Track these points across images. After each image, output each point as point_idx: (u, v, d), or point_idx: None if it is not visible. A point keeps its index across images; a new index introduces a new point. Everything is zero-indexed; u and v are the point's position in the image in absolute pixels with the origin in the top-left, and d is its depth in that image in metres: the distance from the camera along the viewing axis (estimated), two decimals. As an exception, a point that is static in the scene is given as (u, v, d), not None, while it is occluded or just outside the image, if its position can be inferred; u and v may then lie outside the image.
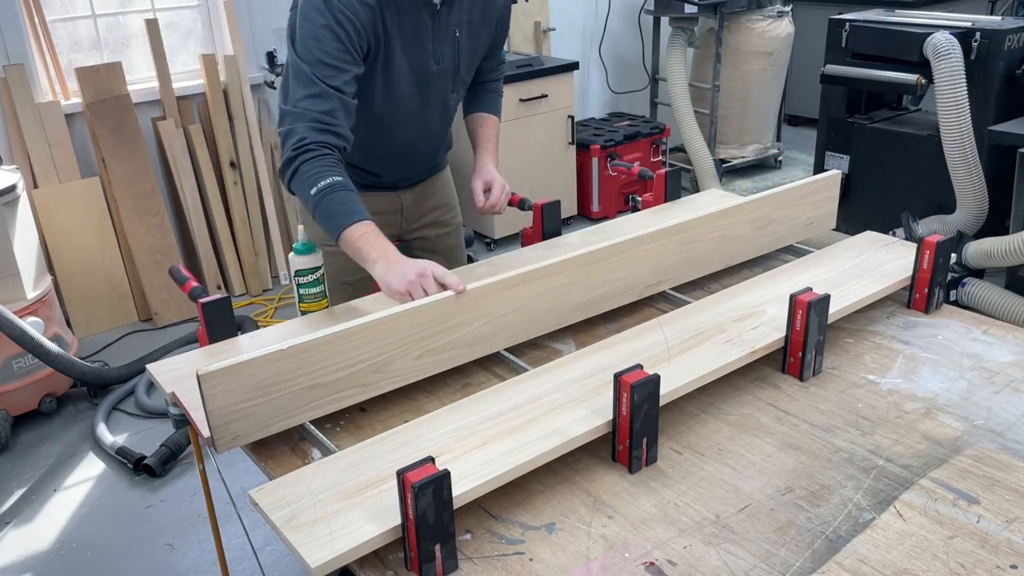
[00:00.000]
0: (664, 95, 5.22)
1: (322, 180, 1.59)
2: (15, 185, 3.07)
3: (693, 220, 1.76)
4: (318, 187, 1.59)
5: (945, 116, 3.13)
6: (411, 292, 1.50)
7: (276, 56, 3.72)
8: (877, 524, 1.15)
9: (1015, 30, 3.22)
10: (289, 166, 1.63)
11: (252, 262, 4.11)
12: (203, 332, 1.61)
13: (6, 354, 2.98)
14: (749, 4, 4.90)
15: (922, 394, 1.45)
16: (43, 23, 3.61)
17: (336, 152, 1.65)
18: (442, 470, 1.05)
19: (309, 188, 1.60)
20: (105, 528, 2.58)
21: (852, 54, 3.60)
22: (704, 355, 1.48)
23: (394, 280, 1.53)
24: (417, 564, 1.07)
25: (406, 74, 1.77)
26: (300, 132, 1.62)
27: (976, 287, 3.11)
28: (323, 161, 1.61)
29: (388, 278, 1.54)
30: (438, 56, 1.79)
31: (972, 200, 3.19)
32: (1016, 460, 1.27)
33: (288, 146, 1.64)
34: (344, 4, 1.62)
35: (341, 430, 1.40)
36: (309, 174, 1.60)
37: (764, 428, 1.38)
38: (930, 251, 1.69)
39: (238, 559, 2.35)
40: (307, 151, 1.61)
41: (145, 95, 3.85)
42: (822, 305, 1.47)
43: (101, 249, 3.71)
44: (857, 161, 3.74)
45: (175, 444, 2.82)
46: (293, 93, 1.64)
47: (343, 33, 1.62)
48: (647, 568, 1.09)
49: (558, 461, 1.27)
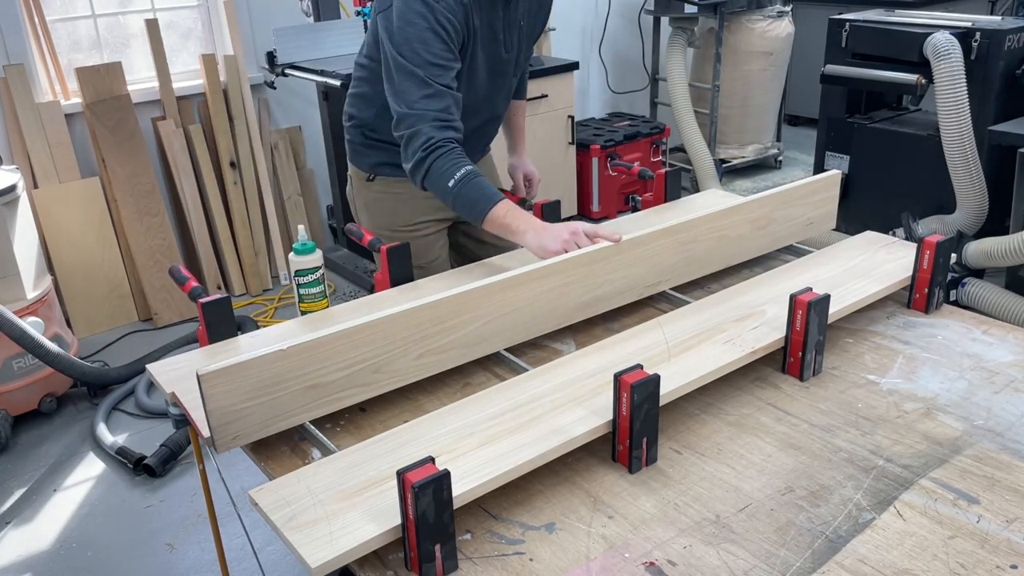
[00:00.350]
0: (664, 95, 5.22)
1: (456, 172, 1.73)
2: (15, 185, 3.07)
3: (693, 220, 1.76)
4: (454, 179, 1.73)
5: (945, 116, 3.13)
6: (566, 249, 1.64)
7: (276, 56, 3.71)
8: (877, 524, 1.15)
9: (1015, 30, 3.22)
10: (421, 166, 1.76)
11: (252, 262, 4.11)
12: (203, 332, 1.61)
13: (6, 354, 2.98)
14: (749, 4, 4.90)
15: (922, 394, 1.45)
16: (43, 23, 3.61)
17: (459, 144, 1.78)
18: (442, 470, 1.05)
19: (446, 182, 1.74)
20: (105, 528, 2.58)
21: (852, 54, 3.60)
22: (704, 355, 1.48)
23: (549, 242, 1.67)
24: (417, 564, 1.07)
25: (483, 63, 1.90)
26: (426, 132, 1.75)
27: (976, 287, 3.11)
28: (451, 155, 1.75)
29: (542, 242, 1.68)
30: (508, 45, 1.93)
31: (972, 200, 3.19)
32: (1016, 460, 1.27)
33: (416, 147, 1.76)
34: (443, 6, 1.74)
35: (341, 430, 1.40)
36: (443, 170, 1.74)
37: (764, 428, 1.38)
38: (930, 251, 1.69)
39: (238, 559, 2.35)
40: (435, 149, 1.75)
41: (145, 95, 3.85)
42: (822, 305, 1.47)
43: (101, 249, 3.71)
44: (857, 161, 3.74)
45: (175, 444, 2.82)
46: (408, 95, 1.75)
47: (445, 34, 1.75)
48: (647, 568, 1.09)
49: (558, 461, 1.27)
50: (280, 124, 4.29)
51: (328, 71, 3.51)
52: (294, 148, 4.31)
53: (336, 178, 4.23)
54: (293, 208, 4.29)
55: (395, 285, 1.81)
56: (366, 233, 1.91)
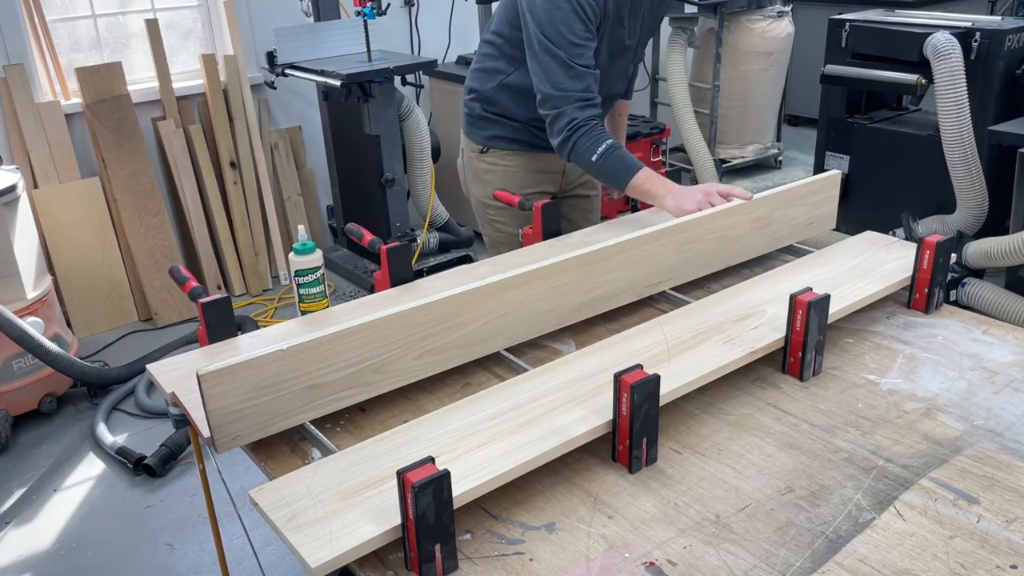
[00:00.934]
0: (664, 95, 5.21)
1: (599, 147, 1.92)
2: (15, 185, 3.07)
3: (693, 220, 1.76)
4: (597, 153, 1.92)
5: (945, 116, 3.13)
6: (700, 207, 1.81)
7: (276, 56, 3.71)
8: (877, 524, 1.15)
9: (1015, 30, 3.22)
10: (566, 144, 1.96)
11: (252, 262, 4.11)
12: (203, 332, 1.61)
13: (6, 354, 2.98)
14: (749, 4, 4.90)
15: (922, 394, 1.45)
16: (43, 23, 3.61)
17: (600, 120, 1.98)
18: (442, 470, 1.05)
19: (590, 156, 1.93)
20: (105, 528, 2.58)
21: (852, 54, 3.60)
22: (704, 355, 1.48)
23: (685, 203, 1.85)
24: (417, 564, 1.07)
25: (606, 47, 2.02)
26: (569, 113, 1.93)
27: (976, 287, 3.11)
28: (593, 132, 1.93)
29: (680, 203, 1.86)
30: (631, 31, 2.06)
31: (972, 200, 3.19)
32: (1016, 460, 1.27)
33: (561, 127, 1.95)
34: None
35: (341, 430, 1.40)
36: (586, 146, 1.93)
37: (764, 428, 1.38)
38: (930, 251, 1.69)
39: (238, 559, 2.35)
40: (579, 128, 1.93)
41: (145, 95, 3.85)
42: (822, 305, 1.47)
43: (101, 249, 3.71)
44: (857, 161, 3.73)
45: (175, 444, 2.82)
46: (553, 76, 1.92)
47: (584, 15, 1.89)
48: (647, 568, 1.09)
49: (558, 461, 1.27)
50: (280, 124, 4.29)
51: (328, 71, 3.51)
52: (294, 148, 4.31)
53: (336, 178, 4.23)
54: (293, 208, 4.29)
55: (395, 285, 1.81)
56: (366, 233, 1.91)
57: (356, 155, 3.98)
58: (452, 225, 4.30)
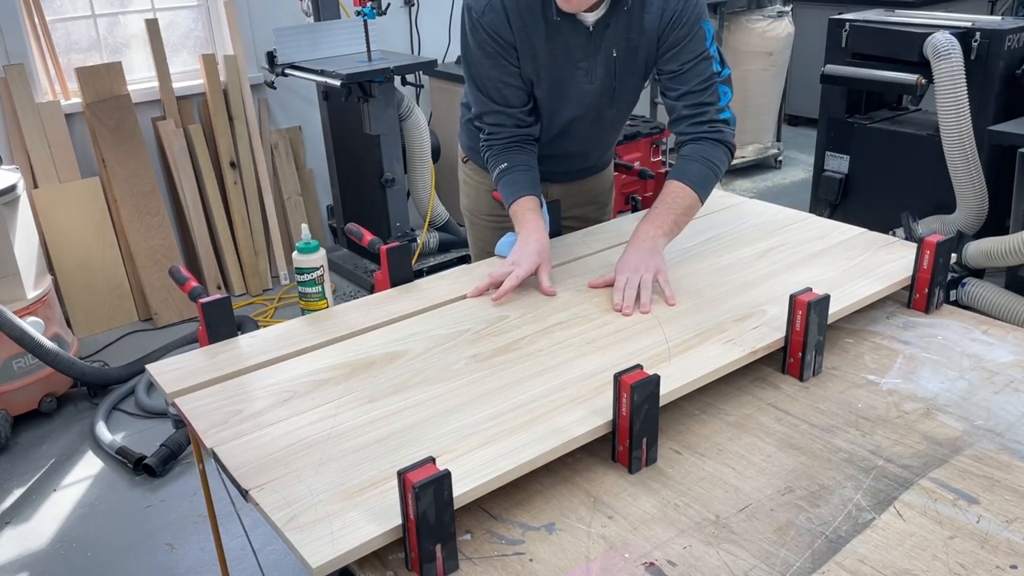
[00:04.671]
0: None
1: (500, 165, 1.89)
2: (15, 185, 3.07)
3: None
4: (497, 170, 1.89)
5: (945, 116, 3.13)
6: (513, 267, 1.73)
7: (276, 56, 3.71)
8: (877, 524, 1.15)
9: (1015, 30, 3.22)
10: (484, 158, 1.95)
11: (252, 262, 4.11)
12: (203, 332, 1.61)
13: (6, 354, 2.98)
14: (749, 4, 4.91)
15: (922, 394, 1.45)
16: (43, 23, 3.61)
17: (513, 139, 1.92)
18: (443, 470, 1.05)
19: (492, 172, 1.91)
20: (105, 528, 2.58)
21: (852, 54, 3.60)
22: (704, 355, 1.48)
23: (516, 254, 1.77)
24: (418, 564, 1.07)
25: (547, 86, 1.87)
26: (485, 131, 1.94)
27: (976, 287, 3.11)
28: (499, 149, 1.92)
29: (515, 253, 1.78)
30: (592, 75, 1.83)
31: (972, 200, 3.19)
32: (1016, 460, 1.27)
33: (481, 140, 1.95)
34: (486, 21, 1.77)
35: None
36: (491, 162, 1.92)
37: (764, 428, 1.38)
38: (930, 251, 1.68)
39: (238, 559, 2.35)
40: (490, 146, 1.92)
41: (145, 95, 3.85)
42: (822, 305, 1.47)
43: (101, 249, 3.71)
44: (857, 161, 3.74)
45: (175, 444, 2.82)
46: (474, 105, 1.94)
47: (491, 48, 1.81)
48: (647, 568, 1.09)
49: (558, 461, 1.27)
50: (280, 124, 4.29)
51: (328, 71, 3.51)
52: (294, 148, 4.31)
53: (336, 178, 4.23)
54: (293, 208, 4.29)
55: (395, 285, 1.81)
56: (366, 233, 1.91)
57: (356, 155, 3.98)
58: (452, 225, 4.30)
